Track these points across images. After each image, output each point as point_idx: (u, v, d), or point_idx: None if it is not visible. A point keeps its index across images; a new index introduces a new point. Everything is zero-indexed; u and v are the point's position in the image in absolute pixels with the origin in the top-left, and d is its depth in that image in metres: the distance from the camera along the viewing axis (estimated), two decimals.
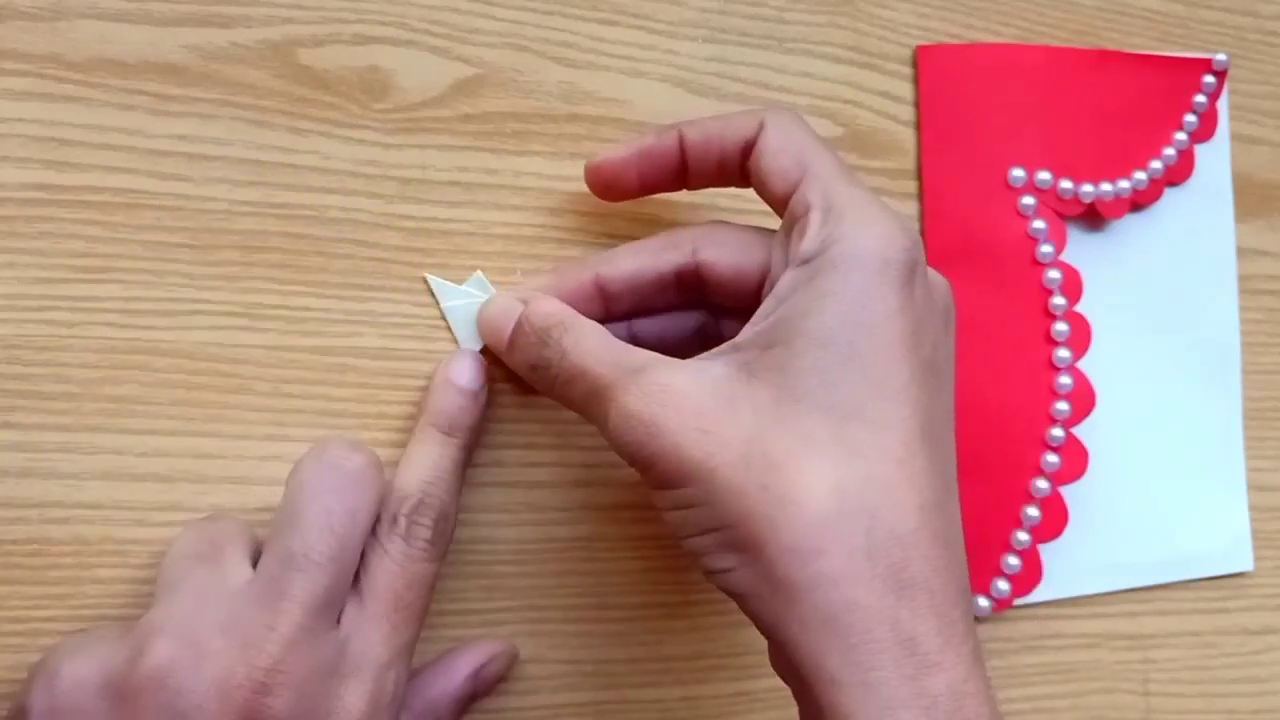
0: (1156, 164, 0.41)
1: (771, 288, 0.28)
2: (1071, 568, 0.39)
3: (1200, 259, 0.42)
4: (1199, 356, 0.41)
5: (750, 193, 0.31)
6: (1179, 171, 0.41)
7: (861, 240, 0.26)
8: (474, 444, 0.33)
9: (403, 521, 0.29)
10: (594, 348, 0.28)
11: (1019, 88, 0.39)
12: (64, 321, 0.31)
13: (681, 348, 0.31)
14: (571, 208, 0.35)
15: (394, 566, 0.29)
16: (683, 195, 0.36)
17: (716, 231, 0.31)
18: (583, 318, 0.30)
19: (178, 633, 0.26)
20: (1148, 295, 0.41)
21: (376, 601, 0.28)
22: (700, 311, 0.33)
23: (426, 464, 0.31)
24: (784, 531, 0.24)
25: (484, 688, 0.33)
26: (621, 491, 0.35)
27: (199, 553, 0.29)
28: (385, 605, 0.28)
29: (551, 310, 0.30)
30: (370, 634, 0.28)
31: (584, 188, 0.35)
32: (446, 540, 0.30)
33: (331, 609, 0.27)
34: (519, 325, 0.31)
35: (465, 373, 0.32)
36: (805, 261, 0.27)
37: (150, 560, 0.31)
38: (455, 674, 0.32)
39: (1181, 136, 0.41)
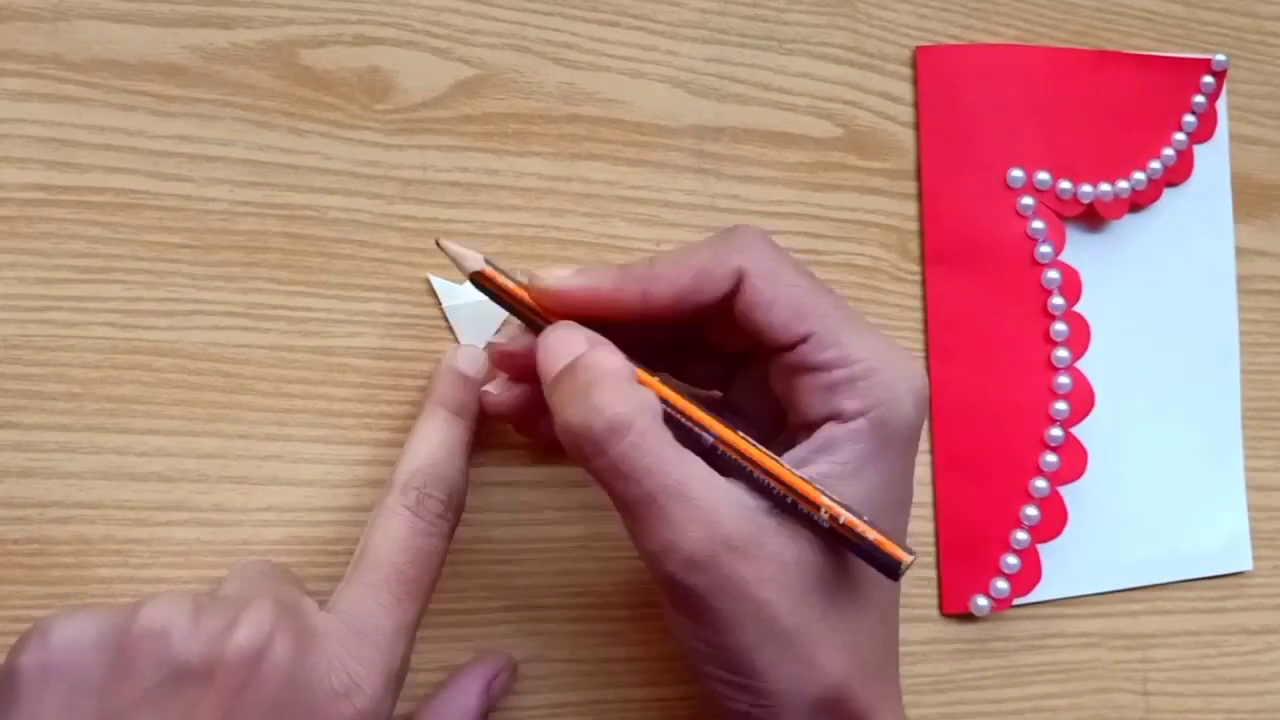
0: (1156, 164, 0.41)
1: (794, 404, 0.29)
2: (1071, 567, 0.39)
3: (1199, 259, 0.42)
4: (1198, 356, 0.42)
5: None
6: (1178, 172, 0.41)
7: (900, 408, 0.28)
8: (479, 430, 0.32)
9: (413, 494, 0.29)
10: (662, 454, 0.26)
11: (1019, 88, 0.39)
12: (65, 322, 0.31)
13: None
14: (572, 208, 0.35)
15: (398, 539, 0.28)
16: (681, 195, 0.36)
17: (766, 281, 0.29)
18: (653, 403, 0.27)
19: (175, 596, 0.26)
20: (1147, 295, 0.41)
21: (374, 572, 0.28)
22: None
23: (437, 440, 0.30)
24: (807, 693, 0.27)
25: (494, 703, 0.33)
26: None
27: None
28: (384, 576, 0.28)
29: (620, 392, 0.27)
30: (368, 603, 0.28)
31: (584, 188, 0.35)
32: (456, 516, 0.30)
33: None
34: (570, 371, 0.27)
35: (470, 363, 0.32)
36: (848, 421, 0.28)
37: (151, 560, 0.31)
38: (469, 693, 0.32)
39: (1180, 137, 0.41)
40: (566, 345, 0.28)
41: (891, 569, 0.26)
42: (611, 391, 0.27)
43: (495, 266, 0.30)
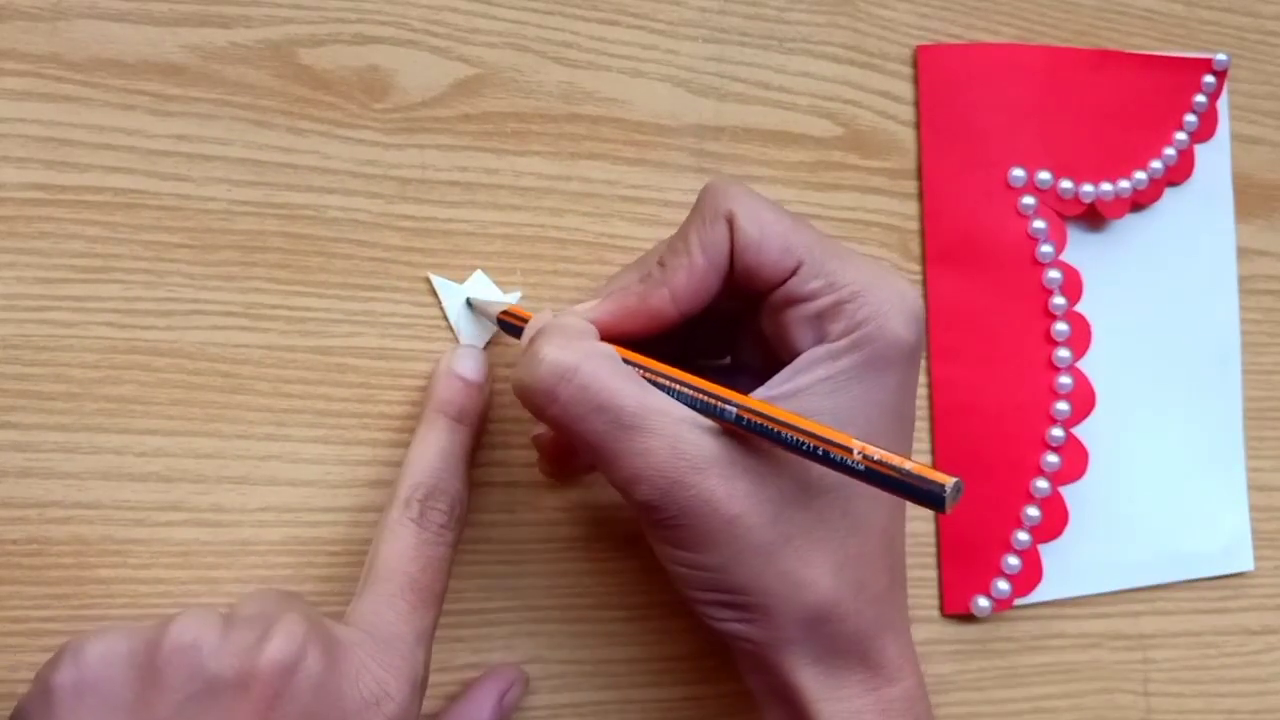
0: (1156, 164, 0.41)
1: (785, 341, 0.29)
2: (1071, 568, 0.39)
3: (1200, 259, 0.42)
4: (1199, 356, 0.41)
5: None
6: (1179, 171, 0.41)
7: (888, 326, 0.28)
8: (480, 432, 0.33)
9: (416, 506, 0.29)
10: (614, 388, 0.27)
11: (1019, 88, 0.39)
12: (64, 321, 0.31)
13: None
14: (571, 207, 0.35)
15: (407, 550, 0.29)
16: (681, 195, 0.36)
17: (751, 222, 0.28)
18: (604, 349, 0.28)
19: (204, 611, 0.26)
20: (1148, 295, 0.41)
21: (387, 583, 0.28)
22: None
23: (437, 450, 0.31)
24: (795, 608, 0.27)
25: (507, 715, 0.33)
26: None
27: None
28: (398, 585, 0.28)
29: (570, 346, 0.27)
30: (386, 613, 0.28)
31: (584, 187, 0.35)
32: (460, 524, 0.30)
33: None
34: (531, 345, 0.28)
35: (469, 365, 0.32)
36: (832, 343, 0.28)
37: (150, 560, 0.31)
38: (482, 707, 0.32)
39: (1181, 136, 0.41)
40: (531, 326, 0.29)
41: (936, 498, 0.23)
42: (552, 343, 0.27)
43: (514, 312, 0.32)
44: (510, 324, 0.31)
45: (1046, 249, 0.39)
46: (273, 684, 0.25)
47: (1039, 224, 0.39)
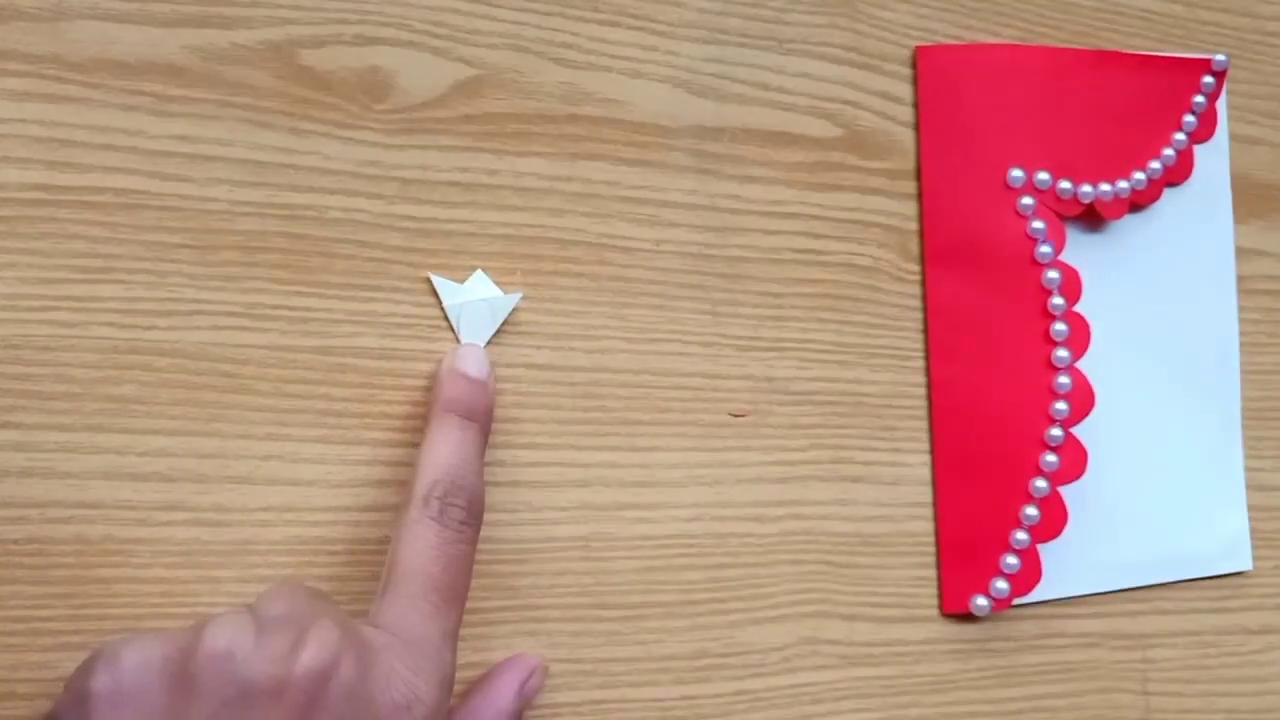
0: (1155, 164, 0.41)
1: None
2: (1071, 567, 0.39)
3: (1199, 259, 0.42)
4: (1198, 356, 0.42)
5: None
6: (1178, 172, 0.41)
7: None
8: (489, 430, 0.33)
9: (435, 504, 0.29)
10: None
11: (1018, 88, 0.39)
12: (65, 322, 0.31)
13: None
14: (572, 208, 0.35)
15: (427, 549, 0.29)
16: (681, 195, 0.36)
17: None
18: None
19: (237, 617, 0.26)
20: (1147, 295, 0.41)
21: (410, 583, 0.28)
22: None
23: (451, 447, 0.31)
24: None
25: (527, 703, 0.33)
26: (621, 491, 0.35)
27: None
28: (421, 586, 0.28)
29: None
30: (411, 614, 0.28)
31: (584, 188, 0.35)
32: (479, 521, 0.30)
33: None
34: None
35: (473, 364, 0.32)
36: None
37: (151, 560, 0.31)
38: (504, 694, 0.32)
39: (1180, 137, 0.41)
40: None
41: None
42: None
43: None
44: None
45: (1045, 249, 0.39)
46: (307, 691, 0.25)
47: (1038, 224, 0.39)
